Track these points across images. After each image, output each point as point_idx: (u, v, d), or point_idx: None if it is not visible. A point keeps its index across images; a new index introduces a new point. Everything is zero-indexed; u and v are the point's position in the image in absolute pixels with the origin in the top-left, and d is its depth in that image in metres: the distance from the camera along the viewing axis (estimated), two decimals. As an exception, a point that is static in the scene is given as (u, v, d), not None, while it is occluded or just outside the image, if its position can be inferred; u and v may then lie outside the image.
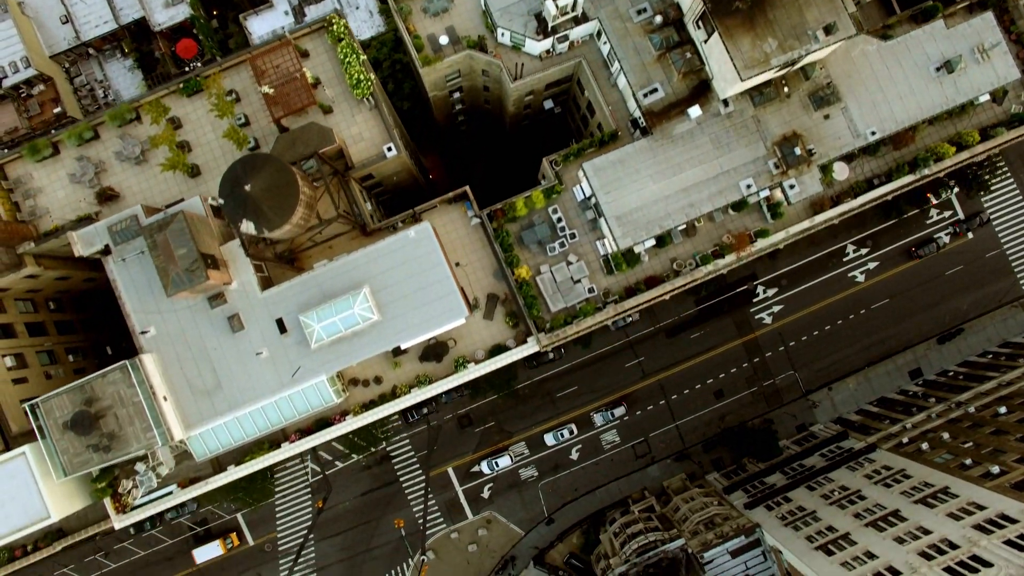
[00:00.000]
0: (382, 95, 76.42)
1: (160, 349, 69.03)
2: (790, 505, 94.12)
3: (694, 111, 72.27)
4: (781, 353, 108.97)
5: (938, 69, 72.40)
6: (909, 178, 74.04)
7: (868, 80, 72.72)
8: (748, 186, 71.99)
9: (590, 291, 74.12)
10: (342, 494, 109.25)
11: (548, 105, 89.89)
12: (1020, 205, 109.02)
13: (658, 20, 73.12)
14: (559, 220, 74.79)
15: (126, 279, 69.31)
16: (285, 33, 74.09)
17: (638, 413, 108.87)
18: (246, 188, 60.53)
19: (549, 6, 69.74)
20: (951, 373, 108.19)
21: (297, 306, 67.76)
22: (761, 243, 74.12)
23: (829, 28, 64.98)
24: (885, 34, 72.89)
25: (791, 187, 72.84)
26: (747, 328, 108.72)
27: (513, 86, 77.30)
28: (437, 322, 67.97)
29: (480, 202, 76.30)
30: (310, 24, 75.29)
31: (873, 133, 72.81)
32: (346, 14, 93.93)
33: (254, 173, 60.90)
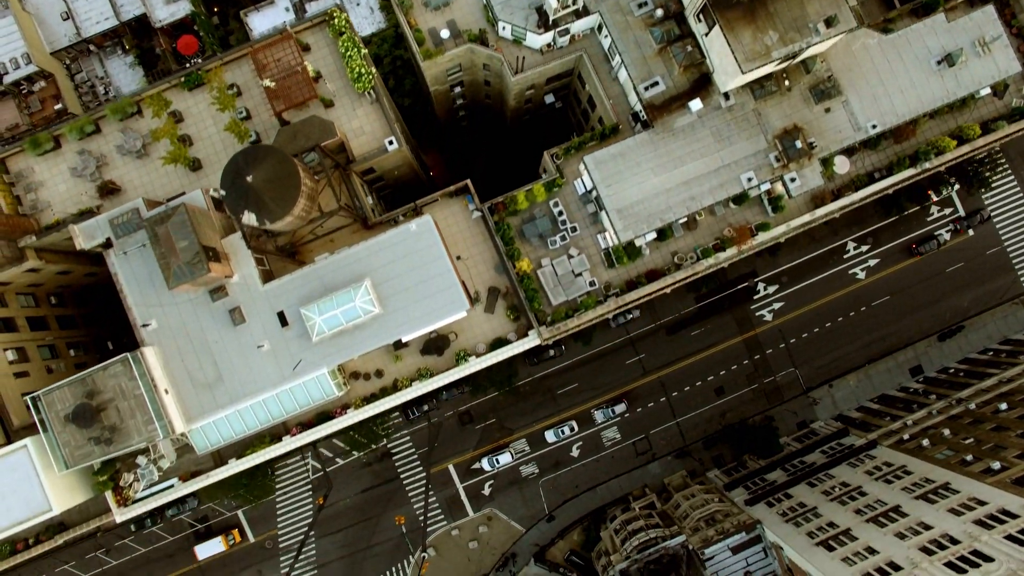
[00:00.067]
0: (383, 89, 76.45)
1: (161, 342, 68.99)
2: (791, 501, 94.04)
3: (695, 104, 72.25)
4: (782, 350, 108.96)
5: (939, 62, 72.39)
6: (910, 172, 74.08)
7: (869, 73, 72.69)
8: (749, 179, 71.93)
9: (591, 284, 74.05)
10: (343, 491, 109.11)
11: (549, 99, 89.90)
12: (1021, 202, 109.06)
13: (659, 13, 73.15)
14: (560, 213, 74.74)
15: (127, 272, 69.30)
16: (286, 27, 74.14)
17: (639, 410, 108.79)
18: (248, 179, 60.44)
19: (550, 0, 69.92)
20: (952, 370, 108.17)
21: (298, 299, 67.69)
22: (762, 236, 74.12)
23: (830, 21, 65.01)
24: (886, 27, 72.93)
25: (792, 180, 72.83)
26: (748, 325, 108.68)
27: (514, 80, 77.36)
28: (438, 315, 67.94)
29: (481, 196, 76.29)
30: (311, 18, 75.37)
31: (874, 126, 72.78)
32: (347, 10, 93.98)
33: (256, 164, 60.81)
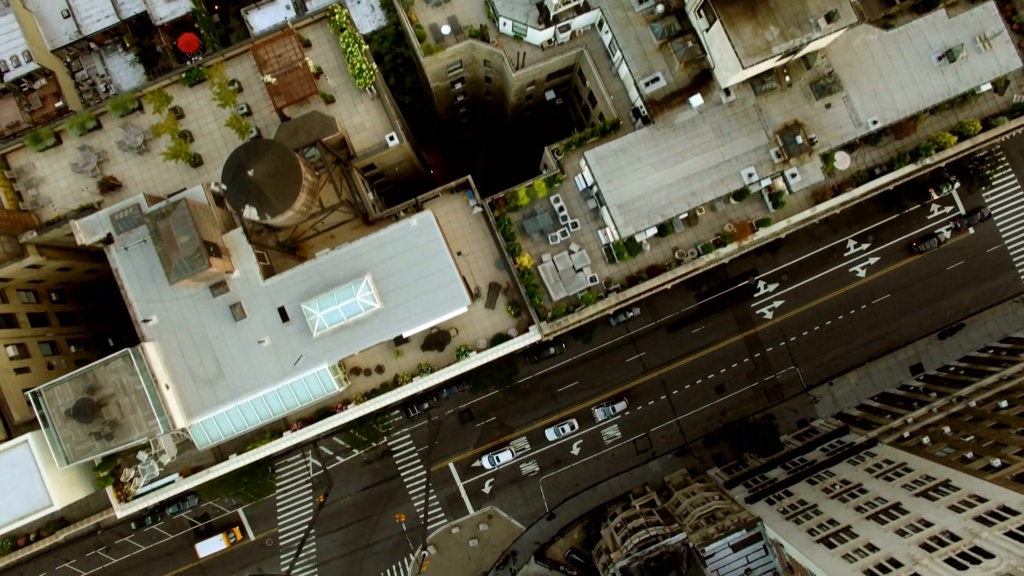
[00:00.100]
0: (384, 86, 76.48)
1: (162, 337, 68.89)
2: (791, 499, 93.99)
3: (696, 100, 72.27)
4: (782, 348, 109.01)
5: (940, 58, 72.40)
6: (911, 167, 74.07)
7: (869, 69, 72.68)
8: (750, 175, 71.94)
9: (592, 280, 74.03)
10: (343, 489, 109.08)
11: (550, 96, 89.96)
12: (1021, 200, 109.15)
13: (660, 9, 73.18)
14: (561, 209, 74.74)
15: (128, 268, 69.22)
16: (287, 23, 74.18)
17: (639, 408, 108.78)
18: (249, 173, 60.39)
19: (551, -5, 70.05)
20: (952, 368, 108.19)
21: (299, 294, 67.59)
22: (763, 232, 74.09)
23: (831, 16, 65.03)
24: (886, 23, 72.92)
25: (792, 176, 72.82)
26: (748, 323, 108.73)
27: (515, 76, 77.38)
28: (439, 310, 67.78)
29: (482, 192, 76.26)
30: (312, 14, 75.40)
31: (875, 122, 72.79)
32: (348, 7, 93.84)
33: (257, 158, 60.79)
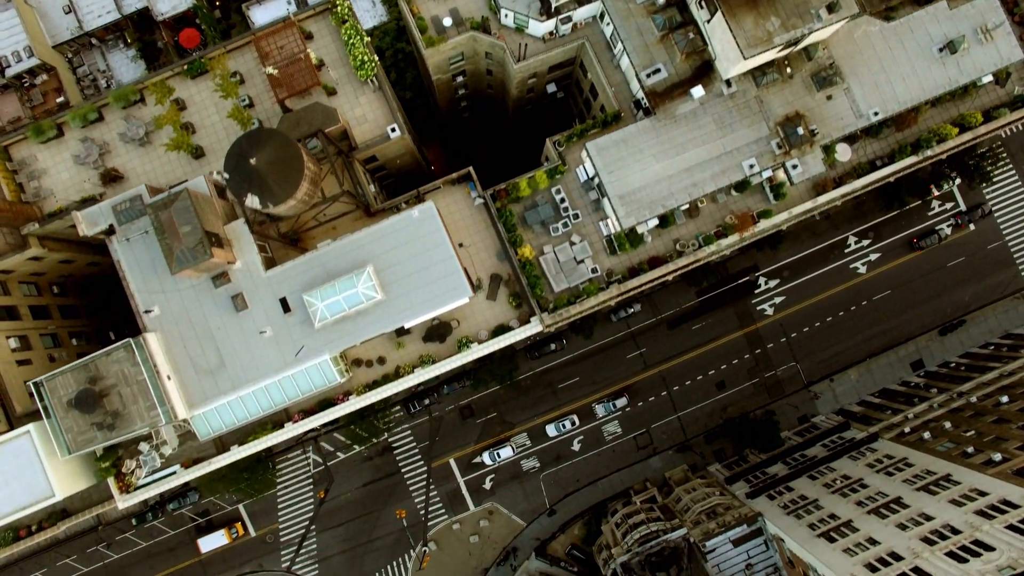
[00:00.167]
0: (385, 78, 76.56)
1: (164, 328, 68.82)
2: (792, 494, 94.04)
3: (697, 91, 72.28)
4: (783, 344, 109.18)
5: (941, 50, 72.40)
6: (912, 159, 74.03)
7: (871, 61, 72.69)
8: (751, 166, 71.94)
9: (593, 271, 74.01)
10: (344, 485, 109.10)
11: (551, 88, 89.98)
12: (1022, 196, 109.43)
13: (661, 1, 73.16)
14: (562, 200, 74.73)
15: (130, 259, 69.21)
16: (289, 15, 74.35)
17: (640, 404, 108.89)
18: (251, 162, 60.38)
19: (553, -12, 70.18)
20: (953, 364, 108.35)
21: (301, 285, 67.55)
22: (764, 224, 74.09)
23: (832, 7, 65.10)
24: (888, 14, 72.93)
25: (794, 167, 72.85)
26: (749, 319, 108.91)
27: (516, 68, 77.43)
28: (441, 301, 67.79)
29: (483, 185, 76.28)
30: (314, 7, 75.56)
31: (876, 114, 72.78)
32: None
33: (259, 147, 60.77)
